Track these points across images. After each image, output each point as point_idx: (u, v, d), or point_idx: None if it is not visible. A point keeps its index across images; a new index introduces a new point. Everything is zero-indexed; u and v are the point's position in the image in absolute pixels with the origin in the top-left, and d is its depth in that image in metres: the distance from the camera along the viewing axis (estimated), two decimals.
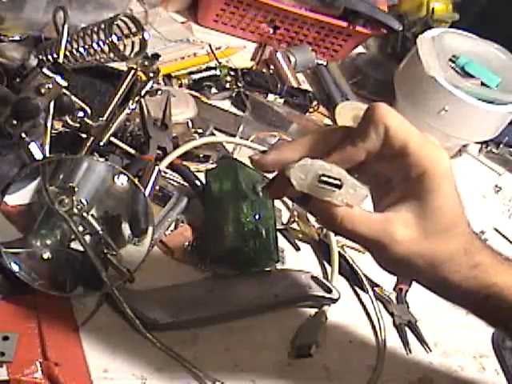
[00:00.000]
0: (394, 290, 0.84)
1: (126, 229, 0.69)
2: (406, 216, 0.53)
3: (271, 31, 1.15)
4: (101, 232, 0.67)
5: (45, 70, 0.66)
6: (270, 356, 0.71)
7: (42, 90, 0.66)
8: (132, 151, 0.81)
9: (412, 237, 0.53)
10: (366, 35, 1.18)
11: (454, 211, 0.54)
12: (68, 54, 0.79)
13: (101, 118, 0.77)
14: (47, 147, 0.68)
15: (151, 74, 0.80)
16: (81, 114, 0.74)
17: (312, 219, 0.87)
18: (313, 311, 0.77)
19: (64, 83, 0.67)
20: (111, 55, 0.78)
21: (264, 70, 1.09)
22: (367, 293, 0.81)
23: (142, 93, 0.80)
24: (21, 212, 0.69)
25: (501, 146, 1.14)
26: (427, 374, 0.77)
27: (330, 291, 0.77)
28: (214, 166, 0.85)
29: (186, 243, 0.77)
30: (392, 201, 0.54)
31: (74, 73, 0.76)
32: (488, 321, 0.61)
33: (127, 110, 0.79)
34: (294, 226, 0.86)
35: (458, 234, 0.55)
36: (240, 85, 1.02)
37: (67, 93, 0.70)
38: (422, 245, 0.53)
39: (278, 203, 0.85)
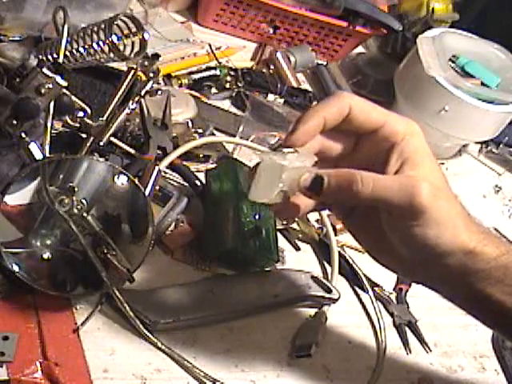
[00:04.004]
0: (394, 290, 0.84)
1: (125, 229, 0.69)
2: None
3: (271, 31, 1.15)
4: (101, 232, 0.67)
5: (45, 70, 0.66)
6: (270, 356, 0.71)
7: (42, 90, 0.66)
8: (132, 151, 0.81)
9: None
10: (366, 35, 1.18)
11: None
12: (68, 54, 0.79)
13: (101, 118, 0.76)
14: (47, 147, 0.68)
15: (151, 74, 0.80)
16: (81, 113, 0.74)
17: (312, 219, 0.87)
18: (313, 311, 0.77)
19: (64, 83, 0.67)
20: (111, 55, 0.78)
21: (264, 70, 1.09)
22: (367, 293, 0.81)
23: (142, 93, 0.80)
24: (21, 212, 0.69)
25: (501, 145, 1.14)
26: (427, 374, 0.77)
27: (329, 291, 0.77)
28: (214, 165, 0.85)
29: (186, 243, 0.77)
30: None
31: (73, 73, 0.77)
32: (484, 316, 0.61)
33: (127, 110, 0.79)
34: (294, 225, 0.86)
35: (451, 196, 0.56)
36: (240, 85, 1.02)
37: (67, 93, 0.70)
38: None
39: None
